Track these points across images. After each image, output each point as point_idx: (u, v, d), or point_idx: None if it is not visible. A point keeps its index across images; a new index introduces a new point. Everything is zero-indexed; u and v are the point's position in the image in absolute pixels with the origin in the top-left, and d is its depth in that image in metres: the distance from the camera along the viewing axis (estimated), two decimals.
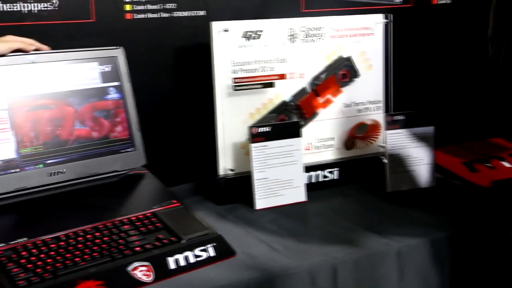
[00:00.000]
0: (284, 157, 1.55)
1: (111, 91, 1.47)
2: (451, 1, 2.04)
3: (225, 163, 1.58)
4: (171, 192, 1.45)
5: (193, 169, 1.67)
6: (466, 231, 1.42)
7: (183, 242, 1.25)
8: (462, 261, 1.40)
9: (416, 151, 1.64)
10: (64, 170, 1.39)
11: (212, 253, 1.25)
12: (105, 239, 1.24)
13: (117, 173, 1.46)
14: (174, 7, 1.64)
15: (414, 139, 1.64)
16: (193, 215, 1.36)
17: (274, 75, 1.61)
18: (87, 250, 1.20)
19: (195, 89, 1.67)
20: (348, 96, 1.71)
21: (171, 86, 1.68)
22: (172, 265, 1.20)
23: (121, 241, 1.23)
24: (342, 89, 1.70)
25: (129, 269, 1.16)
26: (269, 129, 1.53)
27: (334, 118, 1.71)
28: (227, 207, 1.53)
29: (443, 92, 2.07)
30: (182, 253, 1.22)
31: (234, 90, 1.56)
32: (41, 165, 1.37)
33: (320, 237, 1.36)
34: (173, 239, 1.26)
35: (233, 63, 1.56)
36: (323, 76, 1.67)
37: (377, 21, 1.71)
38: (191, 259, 1.22)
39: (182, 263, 1.21)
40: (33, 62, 1.37)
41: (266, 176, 1.53)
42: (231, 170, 1.58)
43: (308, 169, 1.62)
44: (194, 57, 1.66)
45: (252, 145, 1.52)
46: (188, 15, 1.66)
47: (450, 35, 2.05)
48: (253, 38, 1.57)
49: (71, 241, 1.22)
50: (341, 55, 1.69)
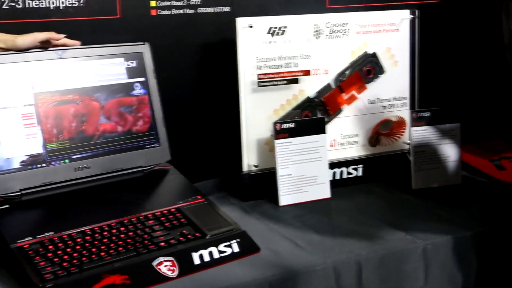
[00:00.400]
0: (309, 153, 1.55)
1: (136, 86, 1.47)
2: None
3: (249, 159, 1.57)
4: (195, 188, 1.45)
5: (217, 165, 1.67)
6: (492, 229, 1.40)
7: (207, 237, 1.26)
8: (488, 259, 1.38)
9: (441, 148, 1.63)
10: (90, 165, 1.40)
11: (236, 249, 1.25)
12: (130, 234, 1.24)
13: (141, 168, 1.46)
14: (198, 3, 1.64)
15: (440, 136, 1.63)
16: (217, 211, 1.36)
17: (298, 71, 1.61)
18: (112, 245, 1.20)
19: (219, 85, 1.68)
20: (373, 93, 1.70)
21: (196, 82, 1.68)
22: (197, 261, 1.20)
23: (146, 236, 1.24)
24: (367, 85, 1.69)
25: (154, 264, 1.17)
26: (293, 126, 1.53)
27: (358, 114, 1.69)
28: (251, 203, 1.53)
29: (470, 89, 2.05)
30: (206, 249, 1.22)
31: (259, 86, 1.56)
32: (67, 160, 1.38)
33: (345, 234, 1.36)
34: (197, 234, 1.26)
35: (257, 59, 1.55)
36: (347, 72, 1.66)
37: (403, 17, 1.70)
38: (216, 255, 1.22)
39: (207, 258, 1.21)
40: (60, 58, 1.39)
41: (290, 173, 1.53)
42: (255, 166, 1.58)
43: (332, 165, 1.61)
44: (219, 53, 1.66)
45: (276, 141, 1.51)
46: (212, 11, 1.66)
47: (477, 31, 2.02)
48: (277, 34, 1.57)
49: (96, 235, 1.23)
50: (366, 51, 1.67)
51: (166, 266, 1.17)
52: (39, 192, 1.34)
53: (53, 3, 1.49)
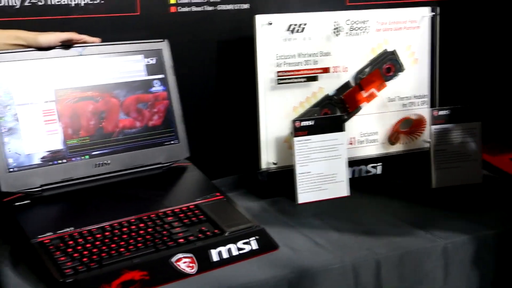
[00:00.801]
0: (327, 151, 1.54)
1: (155, 83, 1.48)
2: None
3: (268, 157, 1.57)
4: (214, 185, 1.45)
5: (235, 162, 1.67)
6: None
7: (226, 234, 1.26)
8: (509, 259, 1.37)
9: (462, 146, 1.61)
10: (109, 161, 1.41)
11: (254, 246, 1.25)
12: (149, 230, 1.25)
13: (160, 165, 1.47)
14: (218, 0, 1.64)
15: (460, 134, 1.61)
16: (236, 208, 1.36)
17: (317, 68, 1.60)
18: (131, 241, 1.21)
19: (238, 82, 1.67)
20: (393, 90, 1.69)
21: (215, 79, 1.68)
22: (215, 258, 1.20)
23: (165, 232, 1.24)
24: (387, 83, 1.68)
25: (173, 260, 1.17)
26: (312, 123, 1.52)
27: (378, 112, 1.68)
28: (269, 201, 1.53)
29: (491, 86, 2.02)
30: (225, 246, 1.22)
31: (278, 83, 1.56)
32: (86, 156, 1.39)
33: (363, 232, 1.35)
34: (216, 231, 1.26)
35: (276, 57, 1.55)
36: (367, 70, 1.65)
37: (424, 14, 1.68)
38: (234, 252, 1.22)
39: (225, 255, 1.21)
40: (80, 55, 1.40)
41: (309, 170, 1.52)
42: (273, 163, 1.58)
43: (350, 163, 1.60)
44: (238, 50, 1.66)
45: (295, 139, 1.51)
46: (232, 8, 1.66)
47: (498, 28, 2.00)
48: (297, 31, 1.56)
49: (116, 231, 1.23)
50: (386, 49, 1.66)
51: (185, 263, 1.17)
52: (59, 188, 1.35)
53: (74, 0, 1.50)
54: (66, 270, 1.12)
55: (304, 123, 1.52)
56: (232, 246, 1.23)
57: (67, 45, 1.37)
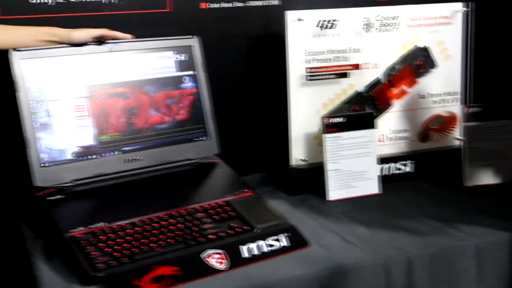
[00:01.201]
0: (358, 148, 1.53)
1: (186, 80, 1.48)
2: None
3: (297, 154, 1.57)
4: (244, 181, 1.45)
5: (265, 159, 1.67)
6: None
7: (256, 231, 1.25)
8: None
9: (495, 144, 1.59)
10: (140, 157, 1.42)
11: (285, 243, 1.24)
12: (180, 226, 1.25)
13: (190, 161, 1.47)
14: None
15: (494, 132, 1.59)
16: (266, 204, 1.36)
17: (348, 65, 1.59)
18: (162, 236, 1.22)
19: (268, 78, 1.67)
20: (424, 87, 1.67)
21: (245, 75, 1.68)
22: (245, 254, 1.20)
23: (195, 228, 1.25)
24: (418, 80, 1.66)
25: (203, 256, 1.17)
26: (342, 120, 1.51)
27: (408, 109, 1.67)
28: (299, 198, 1.52)
29: None
30: (255, 242, 1.22)
31: (307, 80, 1.55)
32: (117, 152, 1.40)
33: (394, 230, 1.34)
34: (246, 227, 1.26)
35: (306, 53, 1.54)
36: (398, 66, 1.64)
37: (457, 9, 1.66)
38: (264, 248, 1.22)
39: (255, 252, 1.21)
40: (111, 51, 1.40)
41: (339, 167, 1.51)
42: (303, 160, 1.57)
43: (380, 161, 1.59)
44: (268, 46, 1.65)
45: (325, 135, 1.50)
46: (262, 5, 1.65)
47: None
48: (327, 27, 1.55)
49: (146, 227, 1.24)
50: (417, 45, 1.64)
51: (215, 259, 1.17)
52: (90, 183, 1.36)
53: None
54: (98, 265, 1.13)
55: (334, 120, 1.51)
56: (262, 243, 1.22)
57: (99, 41, 1.38)
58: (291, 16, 1.51)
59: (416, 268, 1.24)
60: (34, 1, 1.45)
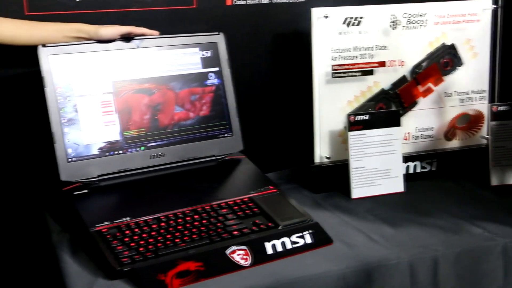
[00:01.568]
0: (382, 146, 1.52)
1: (211, 76, 1.49)
2: None
3: (322, 151, 1.56)
4: (268, 178, 1.45)
5: (288, 156, 1.67)
6: None
7: (280, 228, 1.25)
8: None
9: None
10: (164, 153, 1.43)
11: (309, 240, 1.24)
12: (204, 222, 1.26)
13: (214, 157, 1.48)
14: None
15: None
16: (289, 201, 1.36)
17: (373, 62, 1.58)
18: (186, 232, 1.22)
19: (293, 75, 1.67)
20: (450, 85, 1.65)
21: (269, 72, 1.68)
22: (269, 251, 1.20)
23: (219, 224, 1.25)
24: (444, 77, 1.64)
25: (227, 252, 1.17)
26: (367, 118, 1.51)
27: (434, 107, 1.65)
28: (323, 195, 1.52)
29: None
30: (279, 239, 1.22)
31: (333, 77, 1.54)
32: (142, 148, 1.41)
33: (419, 228, 1.33)
34: (270, 224, 1.26)
35: (332, 50, 1.53)
36: (424, 64, 1.62)
37: (485, 7, 1.64)
38: (288, 245, 1.22)
39: (279, 248, 1.21)
40: (137, 47, 1.41)
41: (363, 165, 1.51)
42: (327, 158, 1.56)
43: (405, 159, 1.58)
44: (293, 43, 1.65)
45: (350, 133, 1.49)
46: (287, 1, 1.65)
47: None
48: (353, 24, 1.54)
49: (171, 222, 1.25)
50: (444, 43, 1.63)
51: (239, 255, 1.17)
52: (115, 178, 1.37)
53: None
54: (123, 259, 1.13)
55: (359, 118, 1.50)
56: (286, 240, 1.22)
57: (126, 37, 1.39)
58: (317, 13, 1.51)
59: (441, 267, 1.23)
60: None
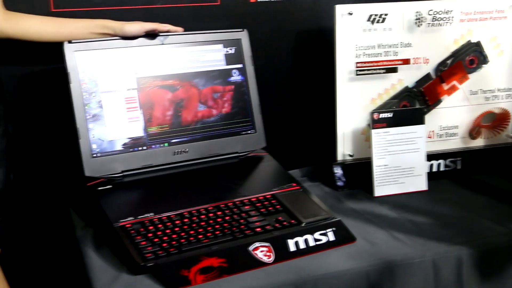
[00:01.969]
0: (406, 144, 1.51)
1: (234, 73, 1.49)
2: None
3: (344, 149, 1.56)
4: (290, 175, 1.45)
5: (311, 153, 1.66)
6: None
7: (303, 225, 1.25)
8: None
9: None
10: (187, 149, 1.43)
11: (331, 237, 1.24)
12: (227, 218, 1.26)
13: (237, 154, 1.48)
14: None
15: None
16: (312, 199, 1.36)
17: (397, 60, 1.57)
18: (209, 228, 1.22)
19: (316, 72, 1.66)
20: (475, 83, 1.63)
21: (292, 69, 1.68)
22: (292, 248, 1.20)
23: (242, 221, 1.25)
24: (469, 75, 1.62)
25: (250, 248, 1.17)
26: (391, 115, 1.50)
27: (459, 105, 1.63)
28: (345, 193, 1.51)
29: None
30: (302, 236, 1.22)
31: (356, 74, 1.54)
32: (166, 144, 1.42)
33: (443, 227, 1.32)
34: (293, 221, 1.26)
35: (356, 47, 1.53)
36: (449, 61, 1.60)
37: None
38: (311, 243, 1.21)
39: (302, 246, 1.21)
40: (162, 44, 1.42)
41: (386, 163, 1.50)
42: (349, 155, 1.56)
43: (429, 157, 1.56)
44: (316, 40, 1.64)
45: (373, 131, 1.49)
46: None
47: None
48: (378, 21, 1.53)
49: (194, 218, 1.25)
50: (470, 40, 1.61)
51: (262, 252, 1.17)
52: (139, 174, 1.38)
53: None
54: (146, 255, 1.14)
55: (383, 115, 1.49)
56: (309, 237, 1.22)
57: (150, 34, 1.40)
58: (341, 10, 1.50)
59: (466, 267, 1.22)
60: None
